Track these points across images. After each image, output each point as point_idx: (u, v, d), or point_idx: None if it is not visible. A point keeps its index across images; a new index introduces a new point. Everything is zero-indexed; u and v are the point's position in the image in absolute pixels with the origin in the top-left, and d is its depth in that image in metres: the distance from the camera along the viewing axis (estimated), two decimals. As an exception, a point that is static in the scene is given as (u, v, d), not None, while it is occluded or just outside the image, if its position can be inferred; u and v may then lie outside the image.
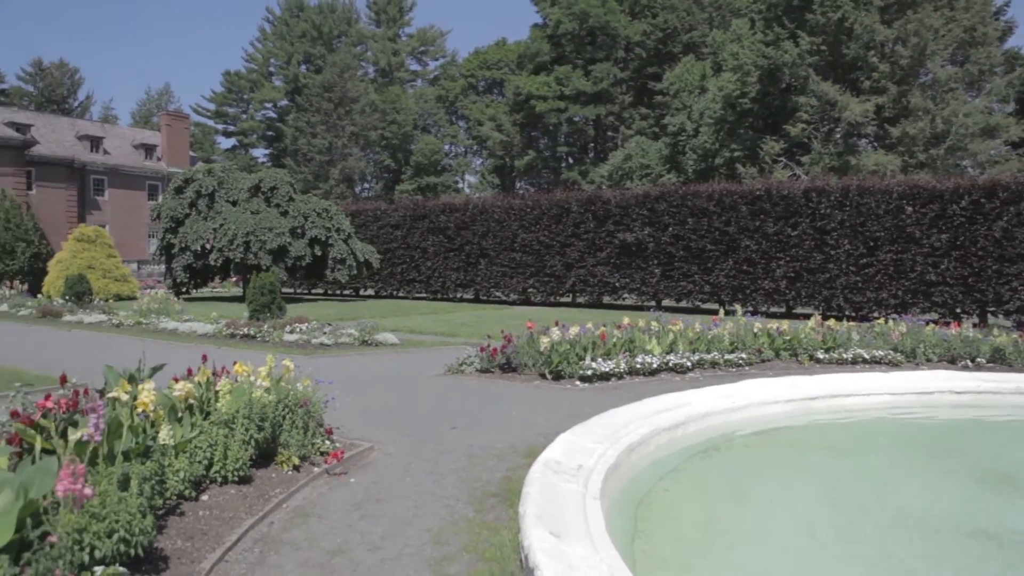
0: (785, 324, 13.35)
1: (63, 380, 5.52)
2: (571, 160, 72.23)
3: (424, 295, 33.63)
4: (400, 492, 5.41)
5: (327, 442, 6.05)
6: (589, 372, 10.07)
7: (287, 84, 78.63)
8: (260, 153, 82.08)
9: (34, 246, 33.79)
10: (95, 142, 51.23)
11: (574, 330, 11.04)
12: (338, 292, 37.47)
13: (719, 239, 24.91)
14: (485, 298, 31.87)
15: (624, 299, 28.43)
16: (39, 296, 26.70)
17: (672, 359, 11.01)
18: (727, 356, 11.62)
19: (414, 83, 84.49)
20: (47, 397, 4.68)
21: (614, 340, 11.21)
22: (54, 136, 49.63)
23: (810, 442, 8.13)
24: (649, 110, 65.46)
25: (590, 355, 10.53)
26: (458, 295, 32.61)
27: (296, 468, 5.61)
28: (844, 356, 12.26)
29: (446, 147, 78.90)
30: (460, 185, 78.88)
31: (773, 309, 24.44)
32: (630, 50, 66.36)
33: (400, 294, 34.66)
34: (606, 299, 28.65)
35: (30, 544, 3.12)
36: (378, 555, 4.26)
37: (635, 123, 65.38)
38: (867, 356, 12.31)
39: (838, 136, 43.70)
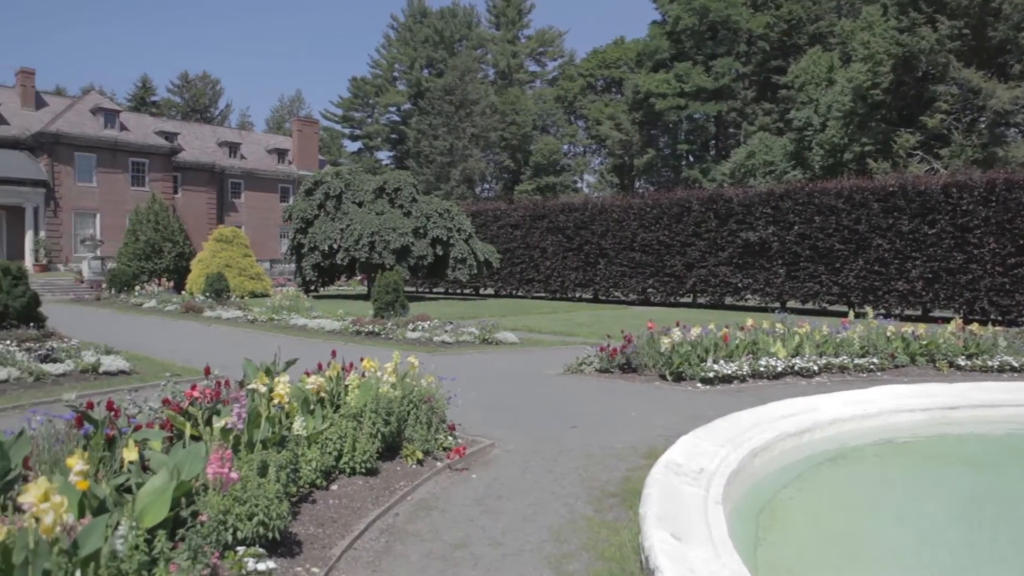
0: (921, 328, 12.52)
1: (207, 371, 5.92)
2: (691, 158, 70.67)
3: (543, 294, 33.81)
4: (520, 489, 5.46)
5: (449, 438, 6.20)
6: (711, 374, 9.83)
7: (410, 88, 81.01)
8: (384, 156, 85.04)
9: (179, 246, 36.35)
10: (233, 148, 54.59)
11: (695, 331, 10.81)
12: (458, 291, 38.24)
13: (848, 238, 23.70)
14: (604, 298, 31.70)
15: (747, 300, 27.57)
16: (183, 293, 28.75)
17: (798, 363, 10.58)
18: (857, 360, 11.05)
19: (533, 84, 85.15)
20: (193, 387, 5.01)
21: (737, 342, 10.90)
22: (197, 143, 53.28)
23: (948, 455, 7.59)
24: (773, 105, 63.15)
25: (712, 357, 10.29)
26: (577, 295, 32.60)
27: (420, 462, 5.77)
28: (989, 363, 11.36)
29: (565, 147, 79.07)
30: (579, 185, 78.82)
31: (908, 312, 23.00)
32: (752, 44, 64.24)
33: (519, 293, 35.00)
34: (728, 300, 27.88)
35: (183, 521, 3.37)
36: (499, 550, 4.32)
37: (758, 119, 63.25)
38: (1016, 364, 11.36)
39: (982, 126, 40.62)
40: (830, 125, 47.73)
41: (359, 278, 38.43)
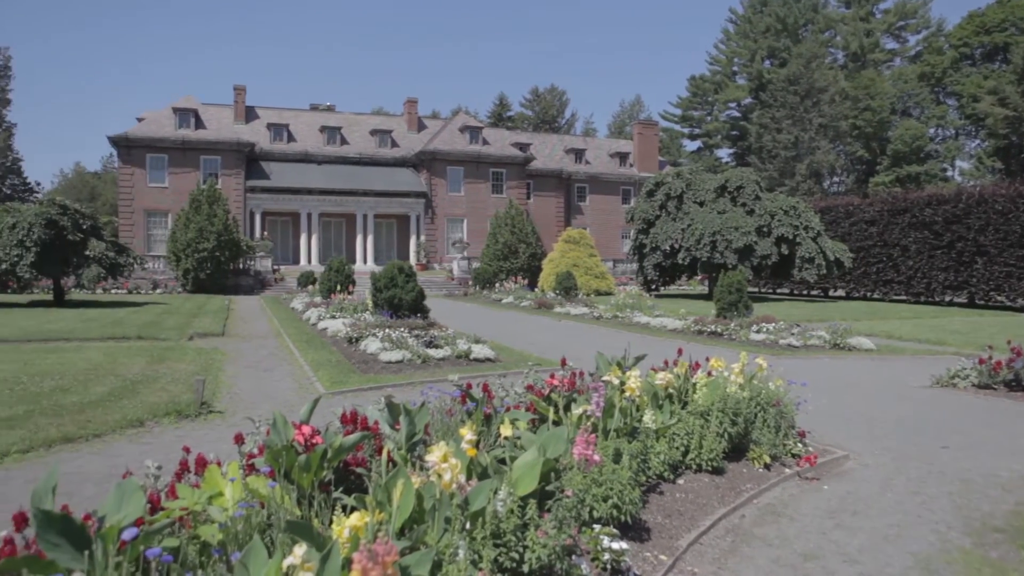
0: None
1: (563, 363, 6.40)
2: (1108, 133, 58.04)
3: (903, 297, 30.52)
4: (879, 507, 5.07)
5: (799, 444, 5.97)
6: None
7: (750, 82, 78.20)
8: (724, 153, 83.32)
9: (531, 247, 39.67)
10: (578, 154, 57.76)
11: (1111, 344, 8.98)
12: (804, 292, 36.18)
13: None
14: (982, 302, 27.64)
15: None
16: (535, 290, 31.20)
17: None
18: None
19: (891, 63, 76.64)
20: (552, 376, 5.47)
21: None
22: (546, 151, 57.33)
23: None
24: None
25: None
26: (946, 298, 28.88)
27: (767, 466, 5.64)
28: None
29: (931, 131, 70.02)
30: (949, 173, 69.30)
31: None
32: None
33: (874, 295, 32.03)
34: None
35: (548, 495, 3.73)
36: (855, 568, 4.06)
37: None
38: None
39: None
40: None
41: (699, 278, 38.28)
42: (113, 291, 31.92)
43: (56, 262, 22.03)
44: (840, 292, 34.26)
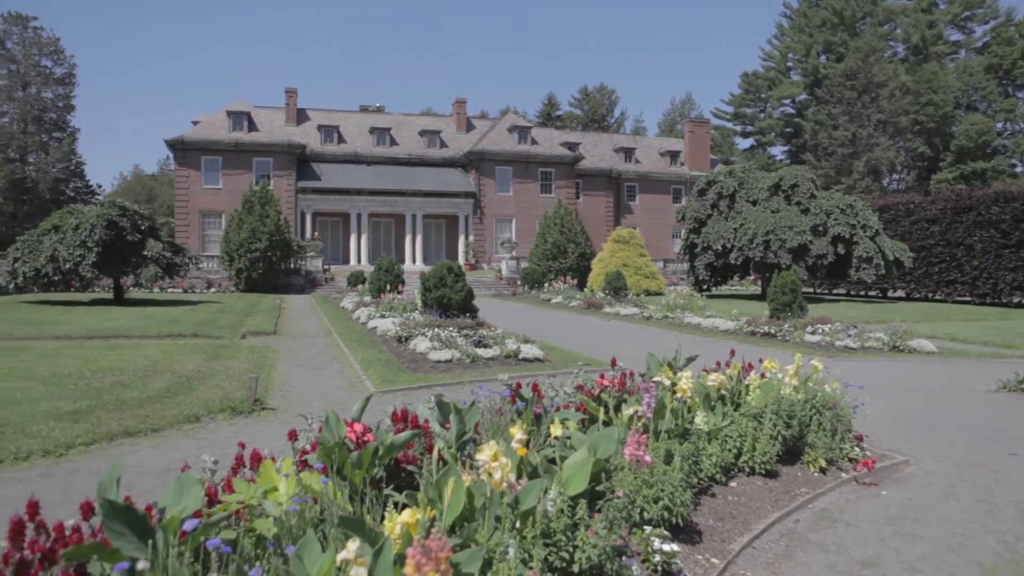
0: None
1: (613, 363, 6.35)
2: None
3: (967, 298, 29.54)
4: (941, 515, 4.91)
5: (856, 449, 5.81)
6: None
7: (805, 78, 76.51)
8: (778, 151, 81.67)
9: (580, 247, 39.52)
10: (628, 153, 57.31)
11: None
12: (862, 293, 35.30)
13: None
14: (1052, 304, 26.60)
15: None
16: (584, 290, 31.05)
17: None
18: None
19: (955, 56, 74.06)
20: (602, 376, 5.43)
21: None
22: (596, 151, 57.02)
23: None
24: None
25: None
26: (1014, 299, 27.86)
27: (822, 470, 5.51)
28: None
29: (998, 125, 67.45)
30: (1018, 169, 66.65)
31: None
32: None
33: (936, 296, 31.07)
34: None
35: (599, 495, 3.70)
36: (916, 577, 3.94)
37: None
38: None
39: None
40: None
41: (752, 278, 37.68)
42: (169, 290, 32.82)
43: (116, 262, 22.74)
44: (900, 293, 33.37)
